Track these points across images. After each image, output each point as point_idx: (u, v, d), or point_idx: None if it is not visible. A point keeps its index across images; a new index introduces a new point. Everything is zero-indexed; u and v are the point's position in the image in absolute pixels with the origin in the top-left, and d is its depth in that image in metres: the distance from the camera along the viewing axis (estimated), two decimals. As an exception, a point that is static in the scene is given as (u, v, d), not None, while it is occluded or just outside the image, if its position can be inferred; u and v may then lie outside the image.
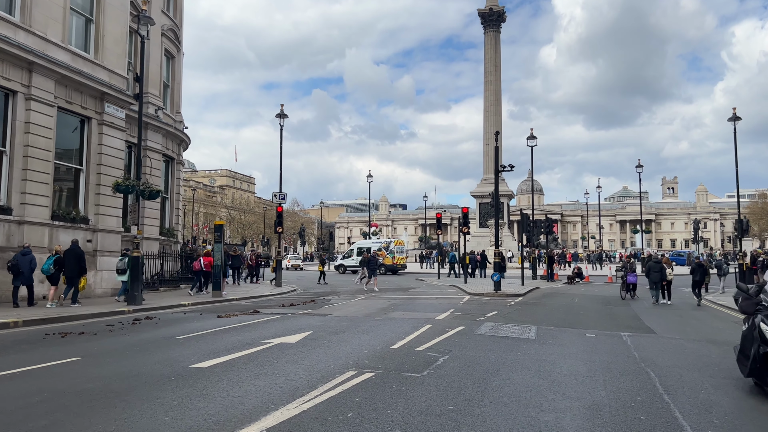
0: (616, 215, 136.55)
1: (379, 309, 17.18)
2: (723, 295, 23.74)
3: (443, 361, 8.83)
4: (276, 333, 11.54)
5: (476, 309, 17.52)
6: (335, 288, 28.01)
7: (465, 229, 29.93)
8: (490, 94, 68.71)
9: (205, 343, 10.35)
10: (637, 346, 10.91)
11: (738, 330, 14.40)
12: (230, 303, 19.86)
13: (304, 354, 9.20)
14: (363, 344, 10.26)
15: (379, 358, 8.95)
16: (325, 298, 21.83)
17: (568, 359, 9.40)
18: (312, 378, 7.43)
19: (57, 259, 16.52)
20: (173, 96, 29.11)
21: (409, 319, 14.49)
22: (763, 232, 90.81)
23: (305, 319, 14.27)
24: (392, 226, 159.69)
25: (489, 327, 13.07)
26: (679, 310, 18.45)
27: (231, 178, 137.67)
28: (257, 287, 28.31)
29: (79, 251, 16.96)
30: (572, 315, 16.57)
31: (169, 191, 28.37)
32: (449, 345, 10.39)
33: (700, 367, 9.05)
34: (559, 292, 26.01)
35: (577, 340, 11.60)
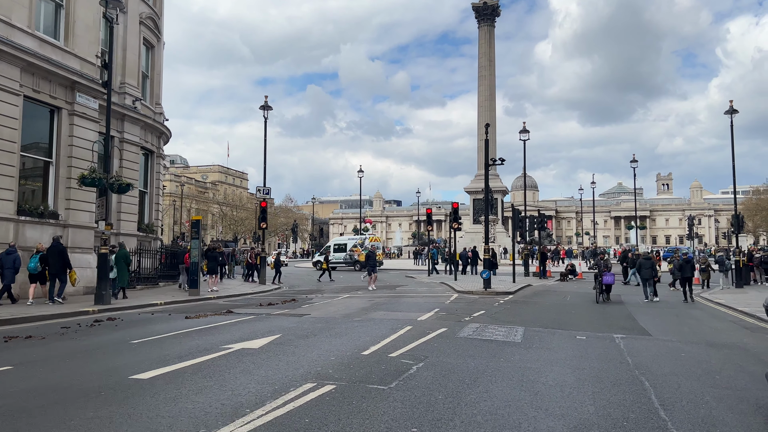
0: (610, 211, 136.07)
1: (360, 309, 16.33)
2: (721, 293, 23.01)
3: (416, 369, 7.97)
4: (241, 337, 10.66)
5: (463, 308, 16.69)
6: (320, 286, 27.14)
7: (455, 225, 29.10)
8: (485, 89, 67.89)
9: (160, 349, 9.46)
10: (631, 350, 10.09)
11: (737, 330, 13.70)
12: (206, 302, 18.96)
13: (263, 362, 8.33)
14: (332, 350, 9.40)
15: (345, 366, 8.09)
16: (307, 297, 20.96)
17: (555, 366, 8.56)
18: (263, 392, 6.56)
19: (42, 256, 16.43)
20: (153, 87, 28.07)
21: (389, 320, 13.63)
22: (757, 229, 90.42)
23: (278, 321, 13.40)
24: (386, 222, 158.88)
25: (473, 329, 12.23)
26: (675, 309, 17.67)
27: (223, 174, 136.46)
28: (242, 285, 27.41)
29: (61, 247, 16.78)
30: (563, 315, 15.76)
31: (148, 186, 27.41)
32: (427, 350, 9.54)
33: (699, 374, 8.23)
34: (550, 289, 25.21)
35: (566, 343, 10.77)
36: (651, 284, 19.99)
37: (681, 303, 19.43)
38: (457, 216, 28.87)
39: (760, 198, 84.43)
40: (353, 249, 41.93)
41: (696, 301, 20.69)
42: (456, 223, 29.05)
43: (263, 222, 27.77)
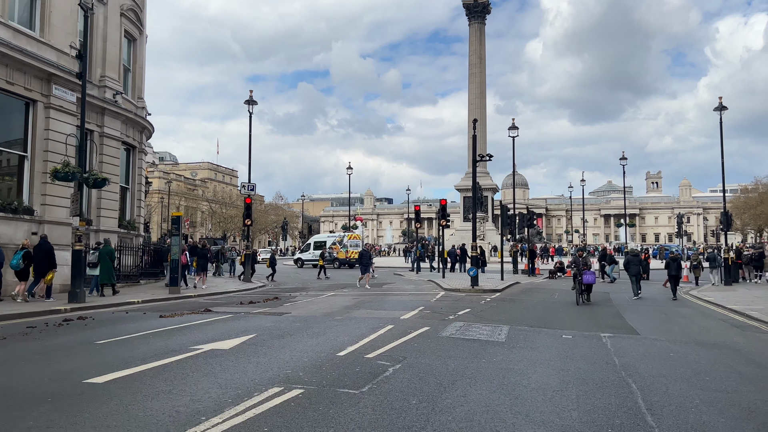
0: (600, 209, 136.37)
1: (343, 307, 15.90)
2: (710, 291, 22.79)
3: (392, 372, 7.56)
4: (213, 337, 10.20)
5: (448, 306, 16.30)
6: (306, 283, 26.67)
7: (443, 222, 28.71)
8: (475, 86, 67.61)
9: (125, 350, 8.99)
10: (618, 350, 9.73)
11: (727, 329, 13.41)
12: (186, 300, 18.46)
13: (231, 364, 7.88)
14: (306, 351, 8.97)
15: (317, 368, 7.66)
16: (291, 295, 20.50)
17: (539, 368, 8.18)
18: (223, 398, 6.12)
19: (25, 253, 16.09)
20: (135, 81, 27.45)
21: (371, 318, 13.22)
22: (745, 227, 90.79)
23: (256, 320, 12.95)
24: (377, 219, 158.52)
25: (457, 327, 11.84)
26: (664, 307, 17.38)
27: (213, 171, 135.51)
28: (227, 282, 26.91)
29: (48, 246, 16.61)
30: (550, 313, 15.42)
31: (130, 181, 26.78)
32: (406, 350, 9.13)
33: (688, 376, 7.88)
34: (539, 287, 24.89)
35: (551, 342, 10.40)
36: (638, 280, 19.90)
37: (670, 301, 19.16)
38: (445, 213, 28.48)
39: (749, 196, 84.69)
40: (332, 247, 41.60)
41: (685, 298, 20.46)
42: (444, 221, 28.66)
43: (248, 219, 27.27)
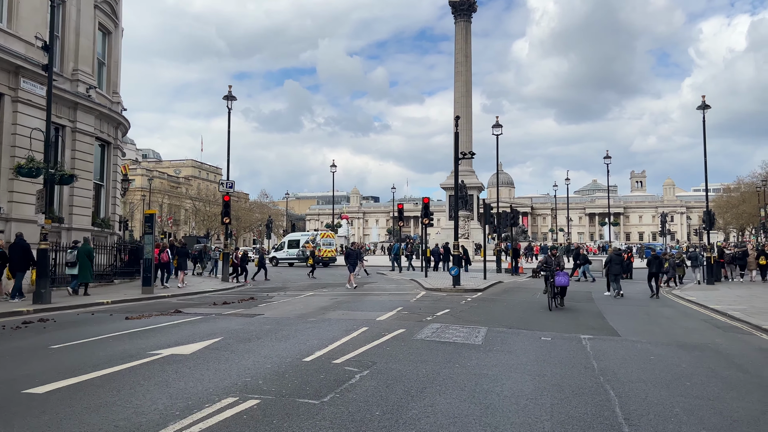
0: (585, 208, 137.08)
1: (319, 308, 15.46)
2: (692, 290, 22.67)
3: (359, 378, 7.14)
4: (177, 341, 9.72)
5: (427, 306, 15.93)
6: (286, 283, 26.17)
7: (426, 221, 28.35)
8: (461, 84, 67.43)
9: (78, 355, 8.49)
10: (598, 353, 9.40)
11: (709, 330, 13.17)
12: (158, 301, 17.90)
13: (188, 371, 7.42)
14: (271, 355, 8.52)
15: (279, 376, 7.22)
16: (268, 295, 20.02)
17: (514, 373, 7.81)
18: (171, 409, 5.66)
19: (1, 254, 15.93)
20: (110, 75, 26.74)
21: (346, 320, 12.80)
22: (728, 226, 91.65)
23: (226, 321, 12.47)
24: (363, 218, 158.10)
25: (433, 329, 11.45)
26: (647, 307, 17.16)
27: (197, 169, 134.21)
28: (203, 282, 26.32)
29: (24, 244, 16.34)
30: (530, 313, 15.09)
31: (105, 178, 26.09)
32: (377, 355, 8.72)
33: (668, 381, 7.55)
34: (521, 286, 24.63)
35: (529, 345, 10.06)
36: (619, 279, 20.00)
37: (652, 300, 18.99)
38: (427, 212, 28.11)
39: (731, 196, 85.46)
40: (305, 245, 41.23)
41: (668, 298, 20.30)
42: (426, 219, 28.29)
43: (226, 217, 26.71)
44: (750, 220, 75.98)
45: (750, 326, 13.04)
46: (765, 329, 12.37)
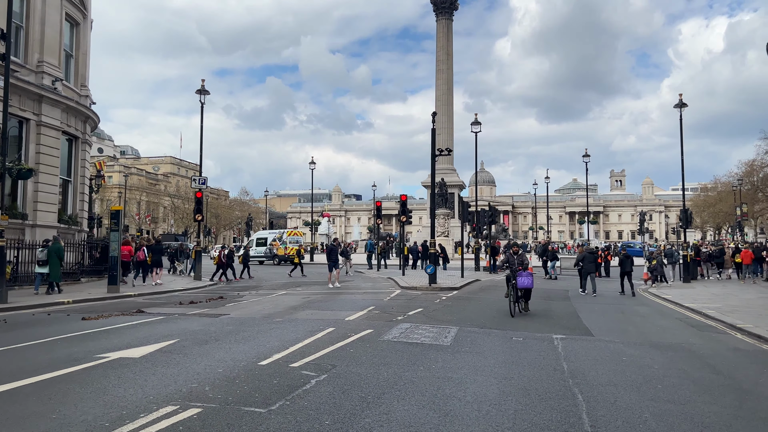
0: (565, 207, 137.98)
1: (289, 307, 15.00)
2: (668, 288, 22.62)
3: (315, 383, 6.73)
4: (130, 343, 9.21)
5: (400, 305, 15.55)
6: (260, 281, 25.64)
7: (403, 218, 28.01)
8: (442, 83, 67.29)
9: (19, 360, 7.96)
10: (569, 354, 9.10)
11: (683, 329, 12.98)
12: (123, 300, 17.28)
13: (131, 376, 6.95)
14: (226, 359, 8.06)
15: (230, 381, 6.78)
16: (239, 294, 19.50)
17: (481, 376, 7.46)
18: (99, 421, 5.19)
19: None
20: (78, 67, 25.94)
21: (313, 320, 12.37)
22: (705, 224, 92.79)
23: (188, 322, 11.96)
24: (346, 216, 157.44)
25: (402, 330, 11.07)
26: (622, 305, 16.98)
27: (176, 166, 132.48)
28: (174, 281, 25.68)
29: None
30: (505, 312, 14.76)
31: (72, 174, 25.31)
32: (339, 357, 8.31)
33: (639, 384, 7.25)
34: (498, 284, 24.33)
35: (499, 346, 9.72)
36: (593, 278, 20.04)
37: (628, 299, 18.87)
38: (405, 209, 27.77)
39: (708, 195, 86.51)
40: (272, 243, 40.73)
41: (644, 296, 20.22)
42: (404, 216, 27.95)
43: (198, 214, 26.08)
44: (726, 219, 76.94)
45: (724, 325, 12.89)
46: (739, 328, 12.22)
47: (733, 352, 9.84)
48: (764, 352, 9.92)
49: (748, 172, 65.33)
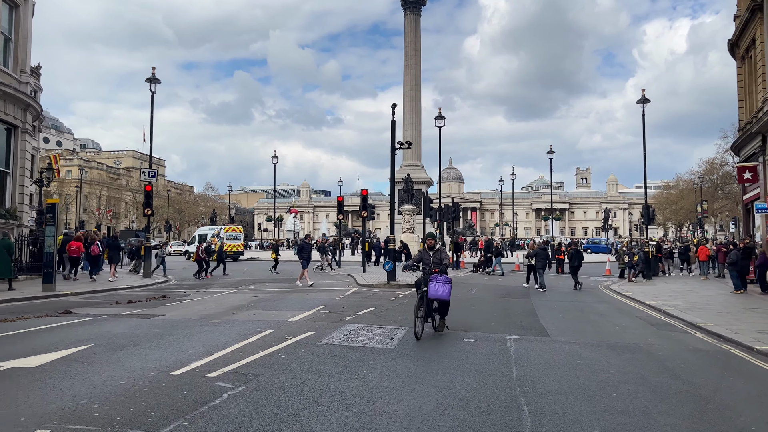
0: (532, 204, 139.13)
1: (232, 307, 14.06)
2: (629, 285, 22.39)
3: (226, 398, 5.89)
4: (35, 349, 8.20)
5: (352, 304, 14.77)
6: (214, 279, 24.55)
7: (364, 214, 27.21)
8: (410, 78, 66.46)
9: None
10: (520, 357, 8.45)
11: (643, 328, 12.52)
12: (56, 300, 16.05)
13: (14, 391, 6.00)
14: (135, 368, 7.15)
15: (127, 396, 5.88)
16: (186, 292, 18.47)
17: (420, 384, 6.73)
18: (-60, 452, 4.28)
19: None
20: (17, 53, 24.35)
21: (254, 321, 11.48)
22: (667, 221, 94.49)
23: (113, 324, 10.94)
24: (314, 212, 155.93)
25: (346, 332, 10.28)
26: (582, 303, 16.54)
27: (139, 160, 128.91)
28: (120, 279, 24.38)
29: None
30: (460, 311, 14.11)
31: (11, 165, 23.77)
32: (266, 365, 7.48)
33: (593, 391, 6.62)
34: (460, 281, 23.80)
35: (448, 348, 9.02)
36: (541, 273, 20.60)
37: (588, 295, 18.51)
38: (365, 204, 26.99)
39: (670, 193, 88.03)
40: (211, 239, 39.77)
41: (604, 293, 19.92)
42: (365, 212, 27.16)
43: (148, 208, 24.84)
44: (687, 216, 78.38)
45: (684, 323, 12.49)
46: (699, 327, 11.81)
47: (692, 353, 9.34)
48: (724, 353, 9.46)
49: (708, 170, 66.52)
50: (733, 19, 27.90)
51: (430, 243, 10.56)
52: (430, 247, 10.50)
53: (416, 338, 9.46)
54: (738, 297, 17.91)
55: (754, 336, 10.42)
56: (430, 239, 10.63)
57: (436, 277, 9.91)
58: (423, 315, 9.80)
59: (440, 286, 9.79)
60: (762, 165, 21.84)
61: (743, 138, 24.95)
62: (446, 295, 9.83)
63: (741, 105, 26.49)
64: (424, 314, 9.83)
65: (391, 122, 22.24)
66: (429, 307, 9.94)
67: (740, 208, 32.45)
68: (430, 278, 9.91)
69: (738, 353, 9.37)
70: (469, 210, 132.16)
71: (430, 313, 10.05)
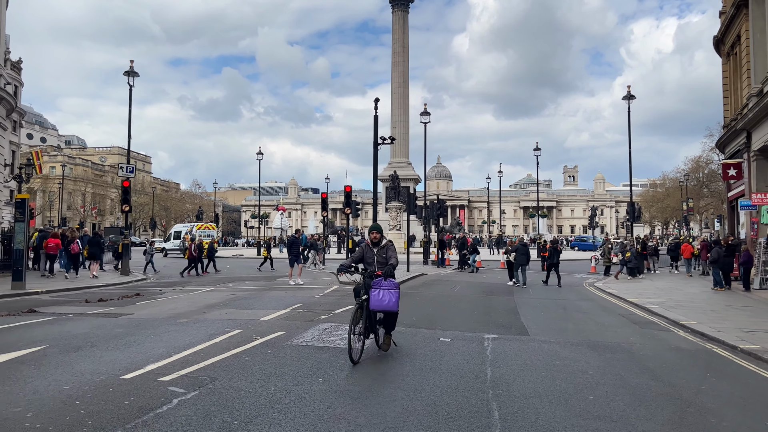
0: (519, 201, 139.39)
1: (205, 306, 13.61)
2: (614, 282, 22.18)
3: (175, 404, 5.48)
4: (-18, 351, 7.74)
5: (330, 303, 14.38)
6: (191, 278, 24.03)
7: (347, 210, 26.74)
8: (398, 75, 66.33)
9: None
10: (497, 358, 8.11)
11: (625, 326, 12.24)
12: (23, 298, 15.50)
13: (-56, 398, 5.55)
14: (85, 371, 6.72)
15: (67, 404, 5.45)
16: (161, 290, 17.99)
17: (388, 388, 6.36)
18: None
19: None
20: (-11, 43, 23.74)
21: (224, 320, 11.06)
22: (653, 219, 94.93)
23: (76, 324, 10.48)
24: (302, 209, 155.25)
25: (318, 331, 9.91)
26: (565, 300, 16.27)
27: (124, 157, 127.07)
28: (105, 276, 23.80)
29: None
30: (441, 309, 13.83)
31: (-19, 159, 23.13)
32: (227, 367, 7.08)
33: (569, 395, 6.28)
34: (443, 279, 23.51)
35: (423, 348, 8.66)
36: (524, 270, 20.54)
37: (572, 293, 18.30)
38: (349, 201, 26.53)
39: (656, 191, 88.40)
40: (184, 236, 39.32)
41: (588, 290, 19.68)
42: (348, 208, 26.70)
43: (125, 204, 24.25)
44: (673, 214, 78.76)
45: (668, 321, 12.23)
46: (682, 325, 11.56)
47: (674, 352, 9.05)
48: (707, 352, 9.19)
49: (694, 168, 66.80)
50: (718, 15, 27.80)
51: (374, 237, 8.33)
52: (375, 242, 8.30)
53: (351, 362, 7.31)
54: (722, 294, 17.74)
55: (738, 335, 10.17)
56: (375, 232, 8.38)
57: (379, 282, 7.80)
58: (362, 331, 7.67)
59: (385, 294, 7.70)
60: (747, 162, 21.71)
61: (728, 135, 24.83)
62: (393, 305, 7.72)
63: (726, 102, 26.40)
64: (364, 329, 7.70)
65: (374, 117, 21.84)
66: (371, 320, 7.89)
67: (725, 206, 32.44)
68: (372, 283, 7.84)
69: (721, 352, 9.10)
70: (457, 208, 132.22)
71: (373, 328, 7.99)
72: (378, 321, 8.11)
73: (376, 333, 8.13)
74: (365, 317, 7.72)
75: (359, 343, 7.62)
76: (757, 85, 19.97)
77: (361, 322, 7.68)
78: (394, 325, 8.27)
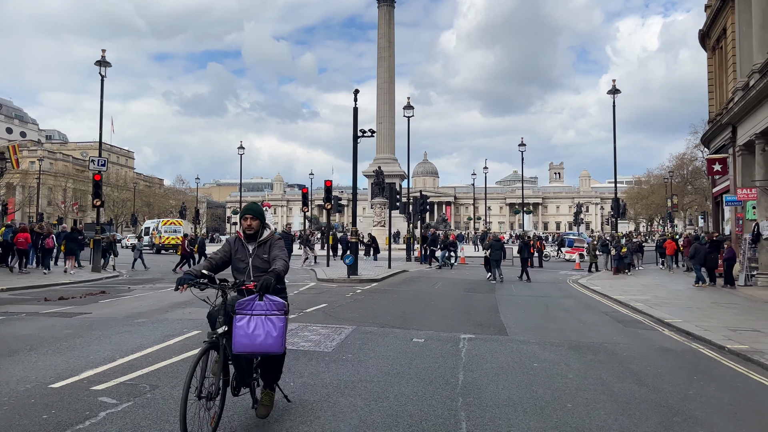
0: (506, 198, 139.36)
1: (170, 304, 12.91)
2: (599, 279, 21.82)
3: (101, 418, 4.84)
4: None
5: (304, 300, 13.76)
6: (167, 274, 23.28)
7: (328, 206, 26.13)
8: (384, 70, 65.64)
9: None
10: (471, 360, 7.57)
11: (609, 325, 11.79)
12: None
13: None
14: (11, 379, 6.04)
15: (-24, 416, 4.81)
16: (130, 288, 17.25)
17: (347, 396, 5.77)
18: None
19: None
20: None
21: (185, 320, 10.42)
22: (638, 216, 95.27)
23: (24, 324, 9.77)
24: (288, 206, 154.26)
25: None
26: (548, 298, 15.82)
27: (107, 152, 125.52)
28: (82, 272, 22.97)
29: None
30: (419, 307, 13.27)
31: (-54, 152, 22.16)
32: (173, 373, 6.45)
33: (546, 403, 5.74)
34: (424, 276, 22.97)
35: (393, 350, 8.09)
36: (499, 265, 20.63)
37: (555, 289, 17.92)
38: (329, 196, 25.91)
39: (641, 188, 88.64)
40: (152, 232, 38.68)
41: (572, 287, 19.29)
42: (329, 204, 26.08)
43: (97, 199, 23.44)
44: (658, 211, 79.00)
45: (652, 320, 11.79)
46: (667, 323, 11.11)
47: (659, 353, 8.56)
48: (693, 352, 8.72)
49: (678, 165, 66.94)
50: (704, 9, 27.49)
51: (248, 225, 4.94)
52: (249, 235, 4.95)
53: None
54: (706, 291, 17.39)
55: (725, 333, 9.72)
56: (249, 217, 4.94)
57: (251, 303, 4.48)
58: (214, 389, 4.37)
59: (260, 324, 4.43)
60: (732, 157, 21.40)
61: (713, 130, 24.54)
62: (275, 343, 4.46)
63: (711, 97, 26.10)
64: (220, 385, 4.47)
65: (354, 108, 21.22)
66: (238, 367, 4.64)
67: (709, 202, 32.27)
68: (236, 306, 4.49)
69: (708, 353, 8.63)
70: (444, 204, 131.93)
71: (243, 380, 4.72)
72: (255, 368, 4.85)
73: (251, 388, 4.88)
74: (220, 365, 4.42)
75: (206, 412, 4.29)
76: (743, 78, 19.62)
77: (211, 375, 4.37)
78: (279, 374, 5.06)
